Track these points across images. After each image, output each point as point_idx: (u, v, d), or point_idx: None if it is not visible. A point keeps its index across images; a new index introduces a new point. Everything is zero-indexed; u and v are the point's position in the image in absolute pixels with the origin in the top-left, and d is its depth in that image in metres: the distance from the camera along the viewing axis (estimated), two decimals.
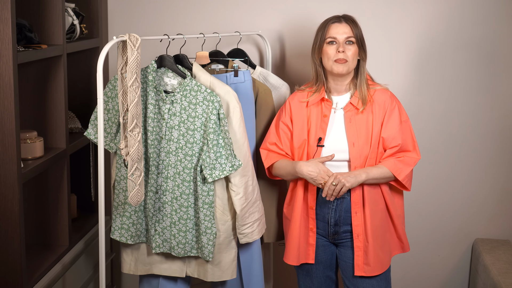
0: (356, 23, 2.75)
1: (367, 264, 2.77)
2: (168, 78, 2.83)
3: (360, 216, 2.75)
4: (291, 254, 2.86)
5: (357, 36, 2.73)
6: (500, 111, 3.53)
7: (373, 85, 2.80)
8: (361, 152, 2.73)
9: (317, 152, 2.76)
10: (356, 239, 2.76)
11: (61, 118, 3.00)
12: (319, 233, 2.85)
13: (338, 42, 2.71)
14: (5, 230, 2.59)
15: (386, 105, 2.76)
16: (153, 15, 3.62)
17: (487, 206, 3.63)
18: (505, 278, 3.15)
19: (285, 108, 2.89)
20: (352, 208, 2.76)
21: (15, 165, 2.56)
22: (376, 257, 2.77)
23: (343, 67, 2.71)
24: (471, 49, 3.50)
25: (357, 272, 2.77)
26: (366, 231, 2.75)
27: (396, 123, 2.75)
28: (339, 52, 2.70)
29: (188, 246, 2.86)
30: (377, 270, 2.78)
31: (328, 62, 2.73)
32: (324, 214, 2.81)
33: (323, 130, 2.77)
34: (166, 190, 2.83)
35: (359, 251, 2.77)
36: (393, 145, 2.74)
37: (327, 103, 2.79)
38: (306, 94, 2.84)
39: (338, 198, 2.76)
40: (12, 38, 2.47)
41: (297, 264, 2.86)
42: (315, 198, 2.80)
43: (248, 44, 3.58)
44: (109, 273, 3.64)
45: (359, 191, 2.74)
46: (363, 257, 2.77)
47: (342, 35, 2.71)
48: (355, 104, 2.75)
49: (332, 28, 2.73)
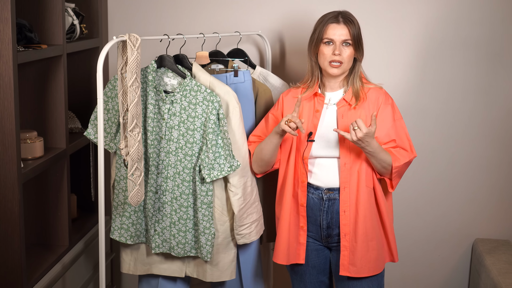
0: (354, 23, 2.72)
1: (353, 265, 2.71)
2: (168, 78, 2.83)
3: (348, 215, 2.71)
4: (280, 253, 2.80)
5: (355, 37, 2.71)
6: (499, 110, 3.53)
7: (367, 84, 2.79)
8: (351, 149, 2.71)
9: (308, 147, 2.74)
10: (343, 238, 2.72)
11: (61, 118, 3.00)
12: (312, 237, 2.81)
13: (335, 43, 2.70)
14: (5, 230, 2.59)
15: (379, 102, 2.74)
16: (153, 15, 3.62)
17: (487, 206, 3.63)
18: (505, 278, 3.15)
19: (278, 103, 2.88)
20: (341, 207, 2.71)
21: (15, 165, 2.56)
22: (364, 259, 2.71)
23: (338, 70, 2.70)
24: (470, 49, 3.50)
25: (341, 272, 2.72)
26: (356, 231, 2.70)
27: (389, 119, 2.72)
28: (335, 55, 2.69)
29: (188, 246, 2.86)
30: (364, 272, 2.72)
31: (323, 62, 2.72)
32: (316, 216, 2.77)
33: (314, 125, 2.76)
34: (166, 190, 2.83)
35: (345, 251, 2.72)
36: (387, 141, 2.71)
37: (319, 98, 2.78)
38: (300, 91, 2.83)
39: (329, 200, 2.73)
40: (12, 38, 2.47)
41: (287, 263, 2.82)
42: (305, 195, 2.76)
43: (248, 44, 3.58)
44: (109, 273, 3.64)
45: (348, 190, 2.70)
46: (348, 257, 2.71)
47: (340, 37, 2.69)
48: (348, 100, 2.74)
49: (330, 28, 2.71)
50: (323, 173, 2.75)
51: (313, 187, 2.76)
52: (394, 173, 2.69)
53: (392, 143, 2.72)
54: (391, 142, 2.72)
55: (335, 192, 2.73)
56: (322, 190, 2.74)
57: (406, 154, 2.72)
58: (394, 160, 2.68)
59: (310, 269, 2.85)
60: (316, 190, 2.75)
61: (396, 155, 2.69)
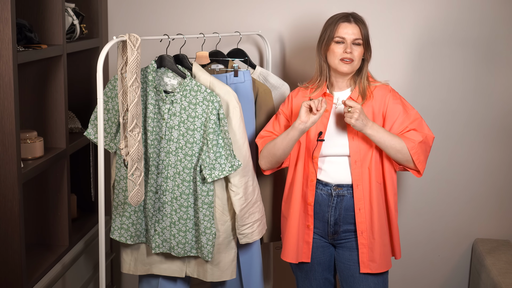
0: (364, 24, 2.76)
1: (373, 261, 2.75)
2: (168, 78, 2.83)
3: (364, 213, 2.74)
4: (289, 251, 2.83)
5: (365, 37, 2.74)
6: (499, 110, 3.53)
7: (373, 82, 2.81)
8: (360, 146, 2.73)
9: (317, 147, 2.76)
10: (360, 236, 2.74)
11: (61, 118, 3.00)
12: (318, 233, 2.84)
13: (346, 42, 2.72)
14: (5, 230, 2.59)
15: (386, 99, 2.75)
16: (153, 15, 3.62)
17: (487, 206, 3.63)
18: (505, 278, 3.15)
19: (287, 101, 2.89)
20: (356, 205, 2.74)
21: (15, 165, 2.56)
22: (382, 254, 2.76)
23: (349, 67, 2.72)
24: (470, 48, 3.50)
25: (362, 269, 2.75)
26: (372, 227, 2.73)
27: (401, 113, 2.73)
28: (346, 53, 2.70)
29: (188, 246, 2.86)
30: (383, 267, 2.76)
31: (334, 60, 2.73)
32: (324, 212, 2.80)
33: (323, 125, 2.78)
34: (166, 190, 2.83)
35: (364, 248, 2.75)
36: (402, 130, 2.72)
37: (328, 98, 2.79)
38: (308, 91, 2.85)
39: (338, 196, 2.76)
40: (12, 38, 2.47)
41: (295, 261, 2.84)
42: (313, 194, 2.79)
43: (248, 44, 3.58)
44: (109, 273, 3.64)
45: (361, 187, 2.73)
46: (368, 254, 2.75)
47: (351, 36, 2.71)
48: (355, 98, 2.76)
49: (341, 27, 2.73)
50: (332, 170, 2.77)
51: (322, 183, 2.78)
52: (413, 154, 2.69)
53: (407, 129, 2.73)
54: (405, 128, 2.73)
55: (344, 189, 2.75)
56: (331, 186, 2.76)
57: (418, 134, 2.71)
58: (407, 142, 2.69)
59: (315, 266, 2.87)
60: (325, 186, 2.77)
61: (408, 138, 2.70)
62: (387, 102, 2.75)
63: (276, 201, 3.14)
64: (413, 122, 2.74)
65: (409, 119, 2.74)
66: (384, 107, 2.75)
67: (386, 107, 2.75)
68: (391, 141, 2.67)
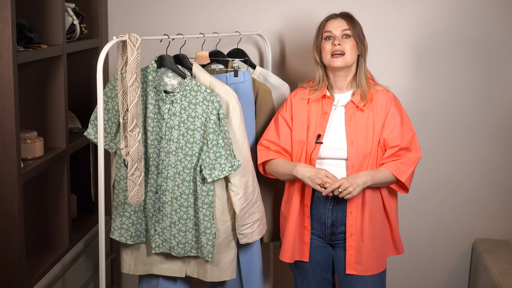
0: (352, 18, 2.77)
1: (359, 263, 2.77)
2: (168, 78, 2.83)
3: (355, 216, 2.75)
4: (286, 251, 2.84)
5: (354, 29, 2.73)
6: (499, 110, 3.53)
7: (374, 85, 2.81)
8: (359, 151, 2.73)
9: (316, 149, 2.76)
10: (348, 238, 2.77)
11: (61, 118, 3.00)
12: (316, 234, 2.84)
13: (334, 36, 2.73)
14: (5, 230, 2.59)
15: (388, 106, 2.76)
16: (153, 15, 3.62)
17: (487, 206, 3.63)
18: (505, 278, 3.15)
19: (286, 105, 2.89)
20: (348, 208, 2.76)
21: (15, 165, 2.56)
22: (370, 258, 2.77)
23: (341, 60, 2.71)
24: (470, 48, 3.50)
25: (348, 270, 2.78)
26: (362, 231, 2.75)
27: (397, 123, 2.75)
28: (335, 45, 2.71)
29: (188, 246, 2.86)
30: (370, 270, 2.78)
31: (326, 57, 2.74)
32: (321, 214, 2.81)
33: (322, 127, 2.77)
34: (166, 190, 2.83)
35: (351, 250, 2.77)
36: (393, 145, 2.75)
37: (328, 100, 2.79)
38: (307, 92, 2.85)
39: (335, 198, 2.76)
40: (12, 38, 2.47)
41: (291, 261, 2.85)
42: (310, 196, 2.80)
43: (248, 44, 3.58)
44: (109, 273, 3.64)
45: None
46: (355, 256, 2.76)
47: (337, 29, 2.73)
48: (356, 102, 2.76)
49: (328, 24, 2.77)
50: None
51: None
52: (407, 184, 2.77)
53: (397, 148, 2.75)
54: (396, 147, 2.75)
55: None
56: None
57: (410, 161, 2.75)
58: (401, 174, 2.73)
59: (313, 266, 2.88)
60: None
61: (401, 168, 2.73)
62: (388, 111, 2.76)
63: (276, 201, 3.14)
64: (404, 139, 2.75)
65: (401, 135, 2.75)
66: (384, 114, 2.75)
67: (386, 115, 2.75)
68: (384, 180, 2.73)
